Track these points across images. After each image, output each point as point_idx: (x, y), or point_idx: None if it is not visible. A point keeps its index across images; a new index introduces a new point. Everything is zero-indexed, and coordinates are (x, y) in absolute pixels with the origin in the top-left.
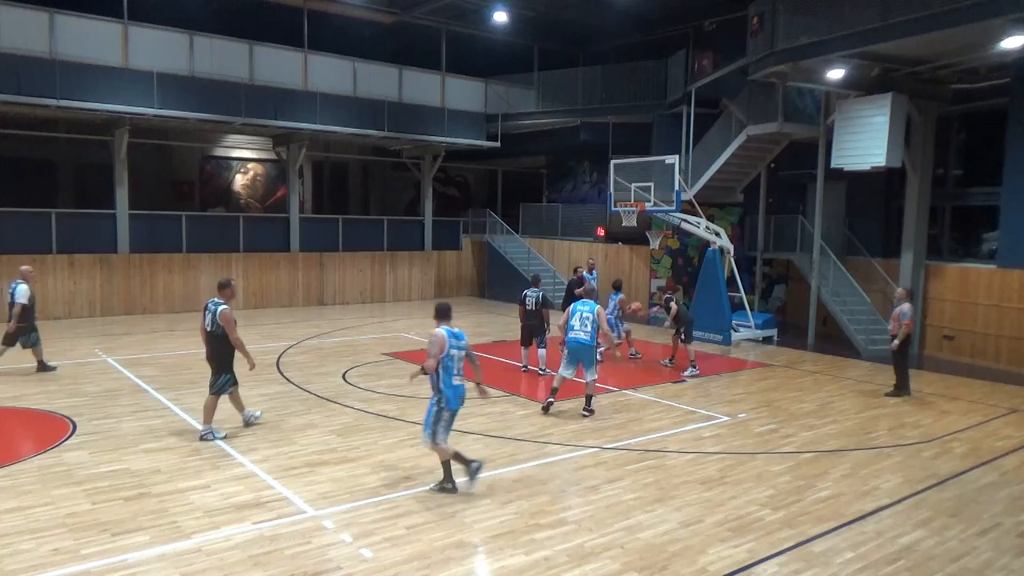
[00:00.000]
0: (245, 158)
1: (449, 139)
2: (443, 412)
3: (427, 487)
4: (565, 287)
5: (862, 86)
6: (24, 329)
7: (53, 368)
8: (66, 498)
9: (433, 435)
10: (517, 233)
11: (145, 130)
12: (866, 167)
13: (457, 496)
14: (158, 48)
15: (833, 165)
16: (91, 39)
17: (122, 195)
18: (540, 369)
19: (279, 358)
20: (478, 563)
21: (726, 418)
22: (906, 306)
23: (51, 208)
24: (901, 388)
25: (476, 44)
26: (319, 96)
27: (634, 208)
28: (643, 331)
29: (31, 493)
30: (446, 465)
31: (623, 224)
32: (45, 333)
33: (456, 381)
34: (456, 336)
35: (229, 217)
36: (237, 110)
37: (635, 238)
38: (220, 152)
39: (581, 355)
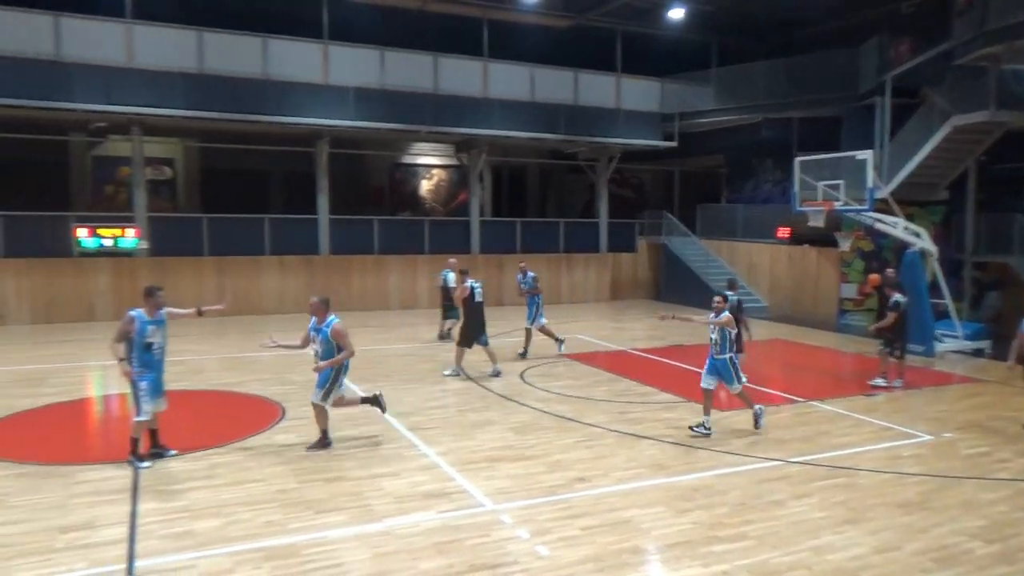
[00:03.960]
0: (430, 164)
1: (624, 140)
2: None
3: (600, 489)
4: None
5: None
6: (450, 307)
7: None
8: (277, 476)
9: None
10: (694, 235)
11: (343, 141)
12: None
13: (632, 501)
14: (354, 65)
15: None
16: (299, 60)
17: (323, 201)
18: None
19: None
20: (654, 570)
21: (928, 437)
22: None
23: (264, 214)
24: None
25: (651, 43)
26: (498, 103)
27: (821, 207)
28: (834, 338)
29: (249, 470)
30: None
31: (809, 224)
32: (257, 327)
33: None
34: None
35: (416, 221)
36: (423, 119)
37: (823, 240)
38: (408, 159)
39: None
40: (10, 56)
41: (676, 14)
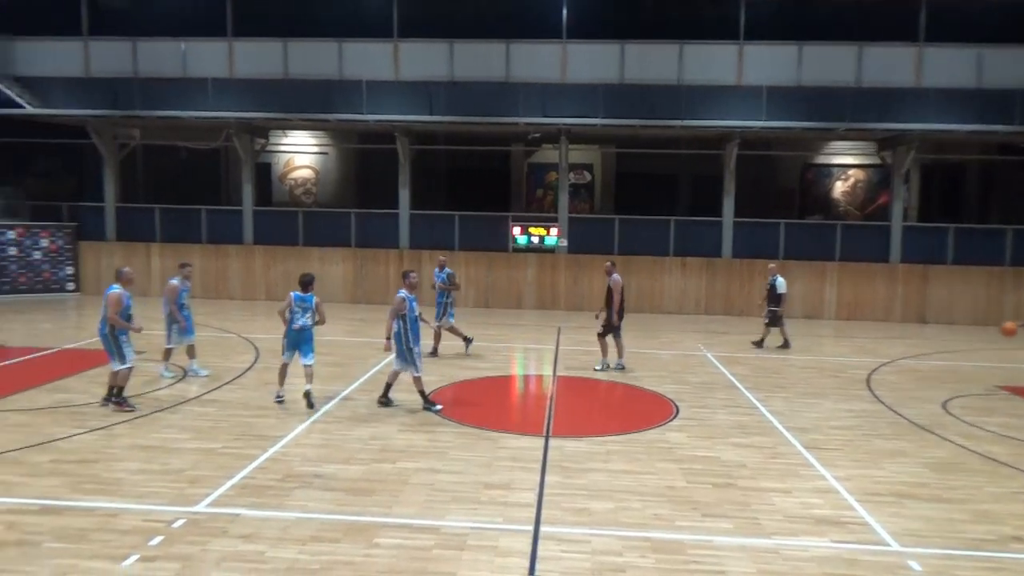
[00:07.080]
0: (846, 164)
1: None
2: None
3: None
4: None
5: None
6: (775, 314)
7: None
8: (666, 472)
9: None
10: None
11: (752, 142)
12: None
13: None
14: (768, 63)
15: None
16: (711, 63)
17: (728, 204)
18: None
19: (870, 375)
20: None
21: None
22: None
23: (670, 216)
24: None
25: None
26: (933, 92)
27: None
28: None
29: (640, 461)
30: None
31: None
32: (655, 325)
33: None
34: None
35: (826, 225)
36: (841, 115)
37: None
38: (821, 160)
39: None
40: (470, 80)
41: None
